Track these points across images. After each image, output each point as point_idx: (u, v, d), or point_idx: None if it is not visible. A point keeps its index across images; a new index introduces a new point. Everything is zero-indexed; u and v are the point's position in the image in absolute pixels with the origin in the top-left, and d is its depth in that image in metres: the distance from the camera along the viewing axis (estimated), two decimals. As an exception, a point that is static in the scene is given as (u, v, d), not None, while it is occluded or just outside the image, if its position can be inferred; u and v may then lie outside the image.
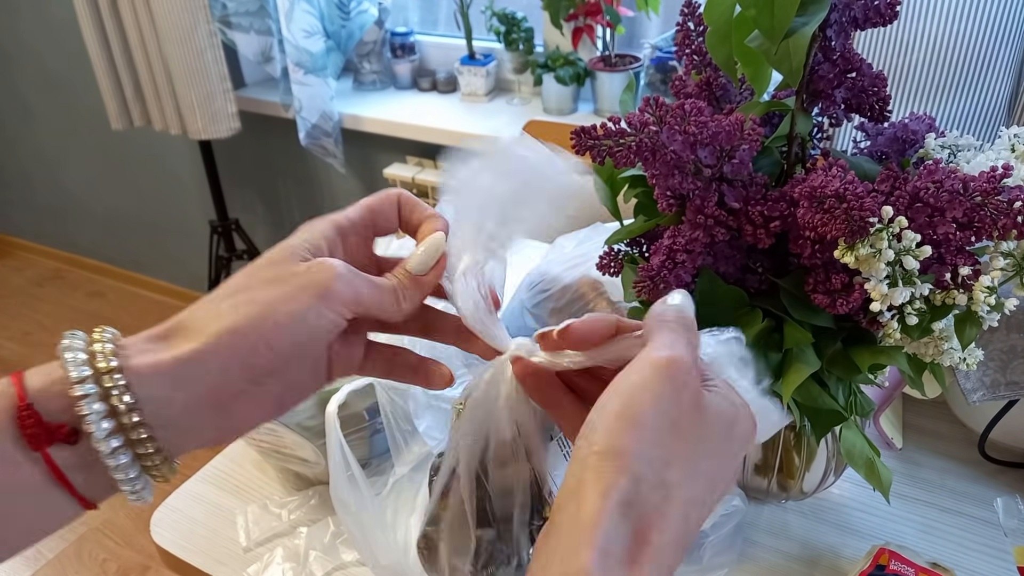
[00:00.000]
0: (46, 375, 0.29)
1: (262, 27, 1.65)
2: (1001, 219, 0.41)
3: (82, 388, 0.29)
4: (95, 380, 0.29)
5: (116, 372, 0.29)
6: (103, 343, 0.30)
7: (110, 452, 0.29)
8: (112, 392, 0.29)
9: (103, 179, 2.43)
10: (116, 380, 0.29)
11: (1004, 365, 0.65)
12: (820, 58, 0.49)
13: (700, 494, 0.29)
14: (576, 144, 0.46)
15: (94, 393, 0.29)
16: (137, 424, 0.29)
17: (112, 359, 0.29)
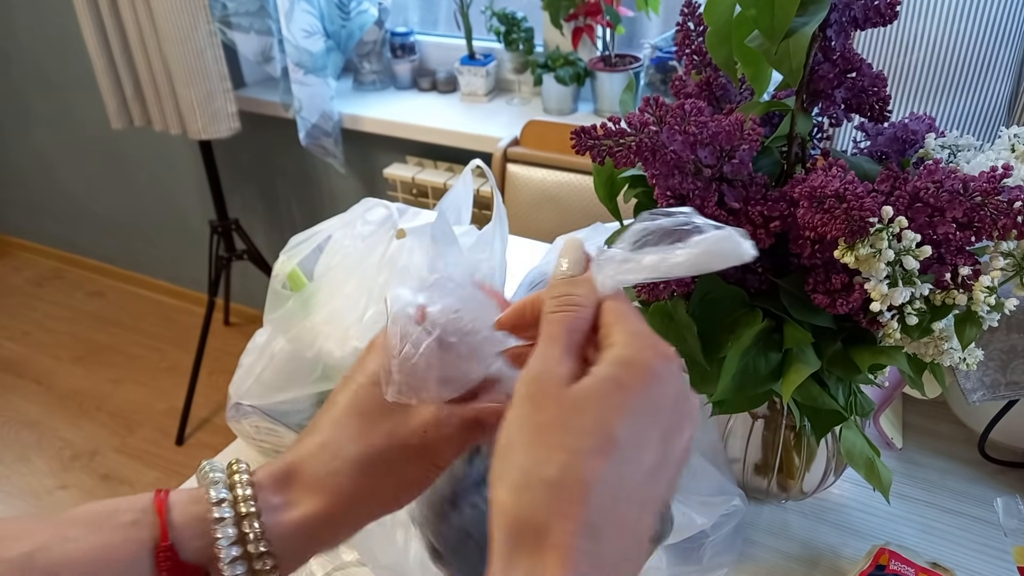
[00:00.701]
0: (187, 508, 0.32)
1: (262, 27, 1.65)
2: (1001, 219, 0.41)
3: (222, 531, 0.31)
4: (235, 524, 0.31)
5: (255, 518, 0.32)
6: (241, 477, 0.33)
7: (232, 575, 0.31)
8: (249, 538, 0.31)
9: (103, 179, 2.43)
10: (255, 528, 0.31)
11: (1004, 365, 0.65)
12: (820, 58, 0.49)
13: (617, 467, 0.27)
14: (576, 144, 0.46)
15: (233, 536, 0.31)
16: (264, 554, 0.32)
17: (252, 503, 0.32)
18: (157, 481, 1.91)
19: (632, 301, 0.55)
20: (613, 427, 0.27)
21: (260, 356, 0.69)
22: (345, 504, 0.33)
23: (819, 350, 0.50)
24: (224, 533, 0.31)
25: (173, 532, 0.31)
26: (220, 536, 0.31)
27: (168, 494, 0.32)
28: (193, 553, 0.31)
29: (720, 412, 0.54)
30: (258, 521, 0.31)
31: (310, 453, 0.34)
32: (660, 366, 0.30)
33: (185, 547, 0.31)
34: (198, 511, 0.32)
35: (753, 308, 0.50)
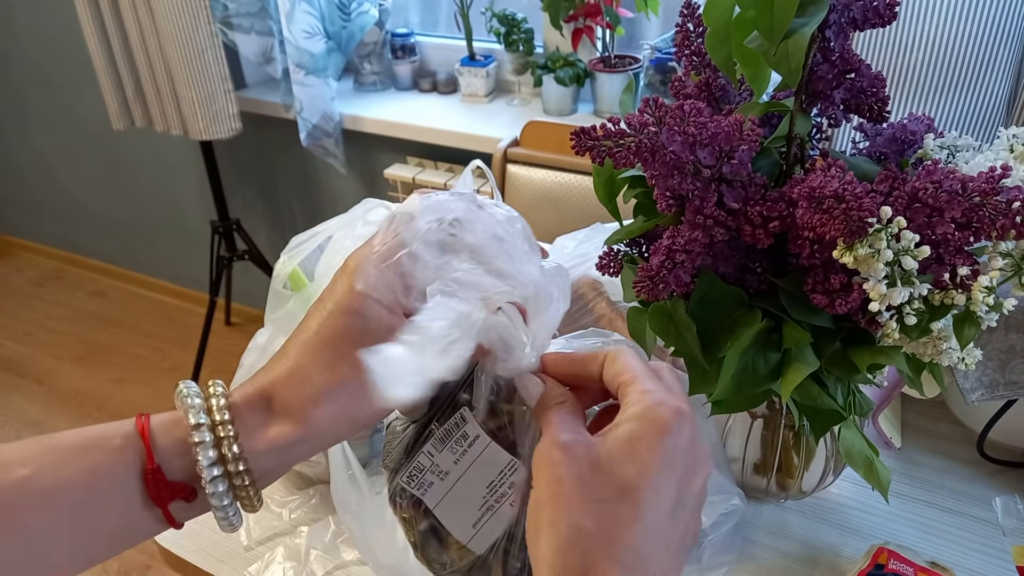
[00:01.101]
0: (169, 431, 0.34)
1: (263, 28, 1.65)
2: (1000, 219, 0.41)
3: (203, 452, 0.33)
4: (215, 446, 0.34)
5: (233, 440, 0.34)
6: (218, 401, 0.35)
7: (216, 500, 0.34)
8: (227, 457, 0.34)
9: (104, 179, 2.43)
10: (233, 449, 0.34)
11: (1003, 365, 0.66)
12: (819, 59, 0.49)
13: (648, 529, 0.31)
14: (576, 145, 0.46)
15: (213, 457, 0.34)
16: (245, 484, 0.34)
17: (230, 427, 0.34)
18: (158, 481, 1.92)
19: (632, 300, 0.55)
20: (633, 479, 0.31)
21: (261, 356, 0.70)
22: (315, 428, 0.35)
23: (818, 350, 0.50)
24: (205, 455, 0.33)
25: (158, 454, 0.33)
26: (201, 458, 0.33)
27: (149, 419, 0.34)
28: (177, 472, 0.34)
29: (719, 412, 0.54)
30: (236, 443, 0.34)
31: (282, 379, 0.36)
32: (672, 420, 0.33)
33: (170, 467, 0.33)
34: (179, 434, 0.34)
35: (752, 308, 0.51)
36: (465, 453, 0.42)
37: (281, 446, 0.35)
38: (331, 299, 0.37)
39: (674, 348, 0.53)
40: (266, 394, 0.36)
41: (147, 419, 0.34)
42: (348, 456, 0.59)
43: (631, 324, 0.57)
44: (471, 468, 0.42)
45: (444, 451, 0.42)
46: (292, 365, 0.36)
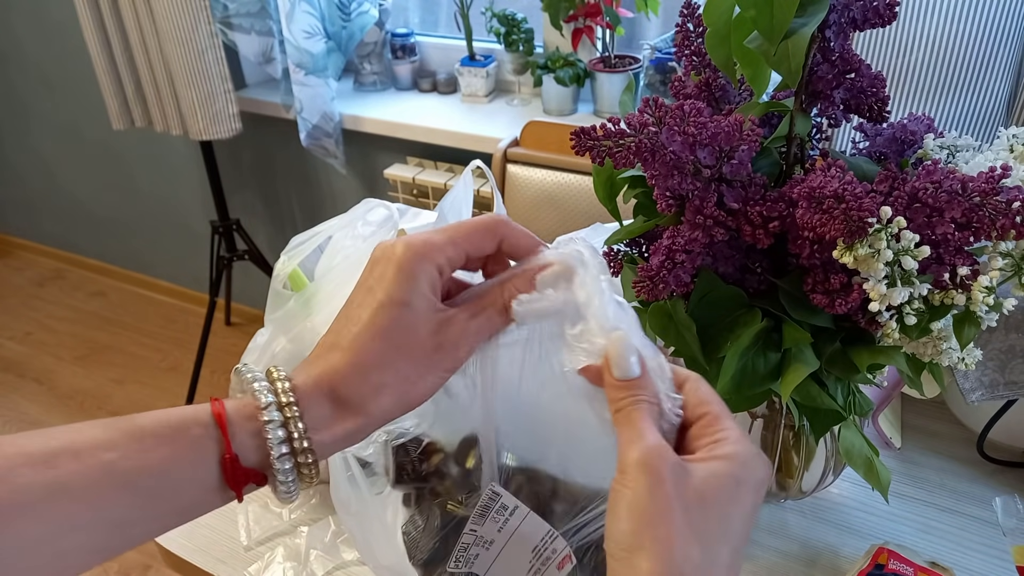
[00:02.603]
0: (242, 418, 0.35)
1: (263, 28, 1.65)
2: (999, 219, 0.41)
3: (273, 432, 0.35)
4: (283, 426, 0.35)
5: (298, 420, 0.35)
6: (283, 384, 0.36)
7: (284, 480, 0.35)
8: (294, 437, 0.35)
9: (104, 179, 2.43)
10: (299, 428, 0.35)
11: (1003, 365, 0.66)
12: (819, 59, 0.49)
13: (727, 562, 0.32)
14: (576, 145, 0.46)
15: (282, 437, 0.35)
16: (309, 462, 0.36)
17: (295, 408, 0.35)
18: (158, 481, 1.92)
19: (632, 300, 0.55)
20: (738, 524, 0.32)
21: (261, 356, 0.70)
22: (375, 418, 0.37)
23: (818, 350, 0.50)
24: (275, 435, 0.35)
25: (234, 441, 0.35)
26: (271, 436, 0.35)
27: (224, 406, 0.36)
28: (250, 457, 0.35)
29: (719, 412, 0.54)
30: (301, 422, 0.35)
31: (342, 373, 0.37)
32: (765, 474, 0.34)
33: (245, 453, 0.35)
34: (251, 421, 0.35)
35: (752, 308, 0.51)
36: (507, 522, 0.44)
37: (344, 436, 0.37)
38: (381, 289, 0.37)
39: (674, 348, 0.53)
40: (327, 385, 0.37)
41: (222, 406, 0.35)
42: (347, 457, 0.58)
43: (631, 324, 0.57)
44: (514, 536, 0.44)
45: (486, 523, 0.44)
46: (352, 359, 0.37)
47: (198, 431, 0.34)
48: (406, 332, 0.37)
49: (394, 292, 0.37)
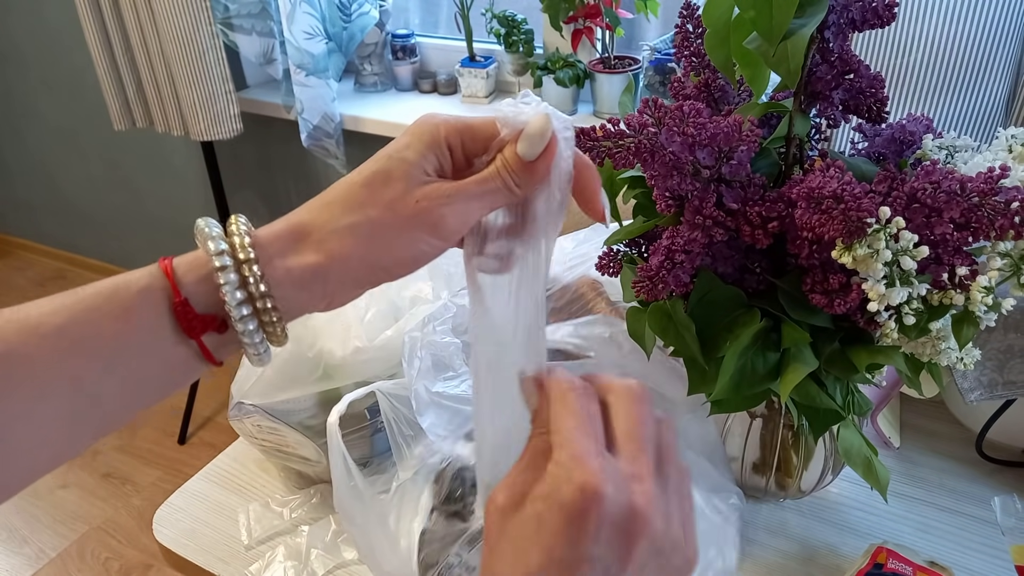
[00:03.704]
0: (192, 267, 0.34)
1: (264, 29, 1.65)
2: (998, 219, 0.42)
3: (224, 276, 0.33)
4: (236, 271, 0.34)
5: (253, 263, 0.34)
6: (241, 237, 0.35)
7: (246, 331, 0.34)
8: (249, 281, 0.34)
9: (105, 180, 2.43)
10: (254, 271, 0.34)
11: (1001, 365, 0.66)
12: (818, 59, 0.49)
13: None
14: (576, 145, 0.46)
15: (235, 282, 0.34)
16: (269, 309, 0.34)
17: (250, 251, 0.34)
18: (159, 480, 1.92)
19: (631, 300, 0.55)
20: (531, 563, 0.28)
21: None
22: (336, 262, 0.35)
23: (817, 350, 0.50)
24: (227, 279, 0.33)
25: (184, 290, 0.34)
26: (224, 282, 0.33)
27: (172, 259, 0.34)
28: (206, 306, 0.34)
29: (718, 411, 0.55)
30: (263, 283, 0.34)
31: (312, 210, 0.36)
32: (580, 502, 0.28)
33: (197, 301, 0.34)
34: (204, 271, 0.34)
35: (751, 308, 0.51)
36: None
37: (300, 276, 0.35)
38: (386, 149, 0.37)
39: (673, 348, 0.53)
40: (295, 228, 0.36)
41: (170, 260, 0.34)
42: (351, 467, 0.59)
43: (631, 324, 0.57)
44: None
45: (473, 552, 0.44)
46: (326, 198, 0.37)
47: (144, 282, 0.34)
48: (389, 182, 0.36)
49: (393, 148, 0.37)
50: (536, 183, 0.36)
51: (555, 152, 0.36)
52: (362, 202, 0.36)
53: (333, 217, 0.36)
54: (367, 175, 0.36)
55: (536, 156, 0.35)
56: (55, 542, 1.76)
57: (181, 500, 0.72)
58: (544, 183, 0.36)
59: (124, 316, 0.33)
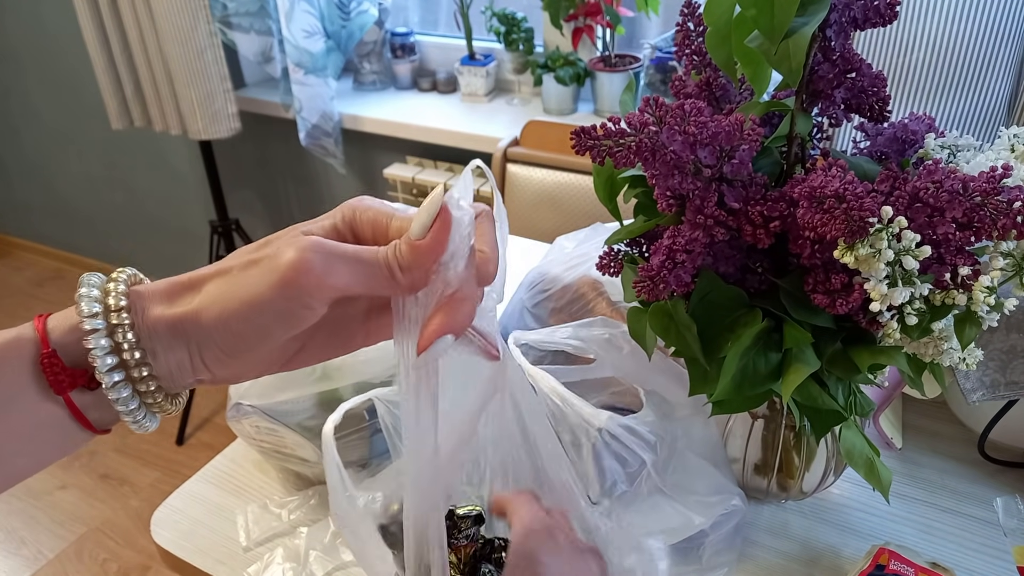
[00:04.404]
0: (66, 319, 0.32)
1: (262, 27, 1.65)
2: (1001, 219, 0.41)
3: (95, 341, 0.31)
4: (108, 334, 0.31)
5: (127, 329, 0.31)
6: (116, 289, 0.32)
7: (119, 398, 0.31)
8: (123, 347, 0.31)
9: (103, 179, 2.43)
10: (127, 337, 0.31)
11: (1004, 365, 0.65)
12: (820, 58, 0.49)
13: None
14: (576, 144, 0.46)
15: (102, 329, 0.31)
16: (145, 377, 0.31)
17: (125, 315, 0.31)
18: (157, 481, 1.92)
19: (632, 300, 0.55)
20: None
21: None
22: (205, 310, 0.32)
23: (819, 350, 0.50)
24: (97, 343, 0.31)
25: (54, 344, 0.31)
26: (93, 346, 0.31)
27: (48, 316, 0.32)
28: (75, 360, 0.31)
29: (720, 412, 0.54)
30: (132, 331, 0.31)
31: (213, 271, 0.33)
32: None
33: (67, 354, 0.31)
34: (75, 323, 0.31)
35: (753, 308, 0.50)
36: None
37: (168, 328, 0.32)
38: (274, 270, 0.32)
39: (675, 348, 0.53)
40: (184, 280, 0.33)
41: (47, 316, 0.32)
42: (344, 479, 0.58)
43: (631, 324, 0.57)
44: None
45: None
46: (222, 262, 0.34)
47: (11, 334, 0.31)
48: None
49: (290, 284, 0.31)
50: (420, 266, 0.32)
51: (447, 229, 0.32)
52: (231, 264, 0.33)
53: (213, 272, 0.33)
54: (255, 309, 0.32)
55: (423, 232, 0.31)
56: (53, 543, 1.76)
57: (179, 501, 0.72)
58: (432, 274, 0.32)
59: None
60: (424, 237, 0.32)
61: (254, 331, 0.32)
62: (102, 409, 0.32)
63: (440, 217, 0.32)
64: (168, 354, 0.32)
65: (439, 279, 0.33)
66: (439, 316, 0.33)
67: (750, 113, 0.46)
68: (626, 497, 0.61)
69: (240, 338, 0.32)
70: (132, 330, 0.31)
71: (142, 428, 0.33)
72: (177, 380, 0.33)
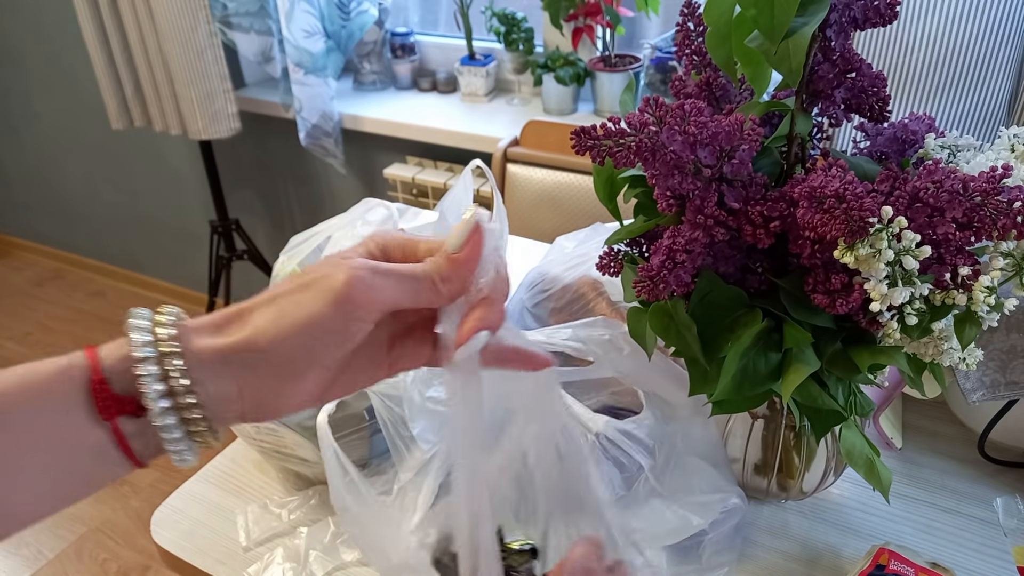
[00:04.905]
0: (116, 352, 0.33)
1: (262, 27, 1.65)
2: (1001, 219, 0.41)
3: (145, 368, 0.32)
4: (157, 363, 0.32)
5: (176, 357, 0.32)
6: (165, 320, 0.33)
7: (165, 426, 0.32)
8: (171, 374, 0.32)
9: (103, 179, 2.43)
10: (176, 364, 0.32)
11: (1004, 365, 0.65)
12: (820, 58, 0.49)
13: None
14: (576, 144, 0.46)
15: (152, 357, 0.32)
16: (191, 405, 0.32)
17: (175, 344, 0.32)
18: (158, 481, 1.92)
19: (632, 300, 0.55)
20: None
21: (260, 356, 0.69)
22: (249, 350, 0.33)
23: (819, 350, 0.50)
24: (147, 370, 0.32)
25: (104, 372, 0.32)
26: (143, 372, 0.32)
27: (97, 347, 0.33)
28: (124, 388, 0.32)
29: (720, 412, 0.54)
30: (181, 359, 0.32)
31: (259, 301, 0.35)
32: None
33: (115, 383, 0.32)
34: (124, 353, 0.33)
35: (753, 308, 0.50)
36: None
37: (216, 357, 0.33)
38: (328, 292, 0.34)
39: (674, 348, 0.53)
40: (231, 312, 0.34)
41: (96, 347, 0.33)
42: (343, 462, 0.58)
43: (631, 324, 0.57)
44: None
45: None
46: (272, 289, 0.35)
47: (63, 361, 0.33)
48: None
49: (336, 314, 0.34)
50: (459, 277, 0.36)
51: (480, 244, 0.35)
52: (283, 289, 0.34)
53: (264, 300, 0.34)
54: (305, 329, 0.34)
55: (458, 247, 0.35)
56: (53, 543, 1.76)
57: (179, 501, 0.72)
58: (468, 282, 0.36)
59: (37, 392, 0.32)
60: (460, 252, 0.35)
61: (307, 353, 0.34)
62: (145, 438, 0.33)
63: (473, 232, 0.35)
64: (216, 383, 0.33)
65: (473, 287, 0.36)
66: (475, 313, 0.36)
67: (750, 113, 0.46)
68: (623, 501, 0.61)
69: (292, 362, 0.34)
70: (181, 358, 0.32)
71: (182, 460, 0.34)
72: (221, 411, 0.34)
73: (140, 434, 0.33)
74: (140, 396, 0.32)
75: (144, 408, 0.32)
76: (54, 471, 0.32)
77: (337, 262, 0.34)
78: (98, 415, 0.32)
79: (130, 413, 0.32)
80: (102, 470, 0.33)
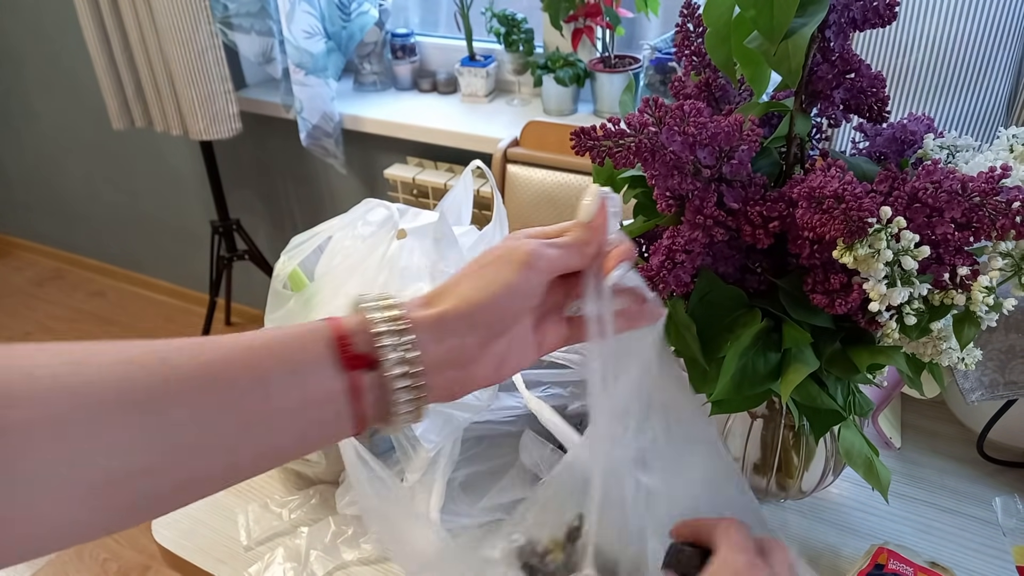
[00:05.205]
0: (350, 320, 0.38)
1: (263, 28, 1.65)
2: (999, 219, 0.41)
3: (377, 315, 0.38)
4: (384, 310, 0.38)
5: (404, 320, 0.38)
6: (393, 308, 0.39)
7: (397, 376, 0.37)
8: (404, 336, 0.38)
9: (104, 179, 2.43)
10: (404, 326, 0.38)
11: (1002, 365, 0.66)
12: (819, 59, 0.49)
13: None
14: (576, 145, 0.46)
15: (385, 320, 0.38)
16: (416, 359, 0.38)
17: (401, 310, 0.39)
18: (158, 481, 1.92)
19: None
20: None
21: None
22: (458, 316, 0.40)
23: (818, 350, 0.50)
24: (383, 328, 0.38)
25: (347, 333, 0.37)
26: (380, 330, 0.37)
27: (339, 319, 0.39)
28: (362, 349, 0.37)
29: (719, 412, 0.54)
30: (406, 324, 0.38)
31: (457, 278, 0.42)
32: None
33: (356, 344, 0.37)
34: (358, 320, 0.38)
35: (752, 308, 0.51)
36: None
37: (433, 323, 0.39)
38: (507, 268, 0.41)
39: (674, 348, 0.53)
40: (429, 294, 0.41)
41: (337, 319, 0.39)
42: (363, 454, 0.58)
43: (631, 324, 0.57)
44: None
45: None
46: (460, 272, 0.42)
47: (311, 324, 0.38)
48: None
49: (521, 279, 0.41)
50: (595, 240, 0.43)
51: (607, 211, 0.44)
52: (475, 267, 0.42)
53: (457, 279, 0.42)
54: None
55: (591, 217, 0.44)
56: (54, 542, 1.76)
57: (180, 501, 0.72)
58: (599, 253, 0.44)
59: (291, 352, 0.36)
60: (594, 220, 0.44)
61: (508, 310, 0.41)
62: (376, 394, 0.38)
63: (600, 204, 0.44)
64: (437, 345, 0.39)
65: (607, 245, 0.44)
66: (614, 252, 0.43)
67: (749, 114, 0.47)
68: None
69: (500, 320, 0.41)
70: (409, 322, 0.38)
71: (406, 415, 0.39)
72: (434, 378, 0.39)
73: (373, 388, 0.37)
74: (376, 352, 0.37)
75: (378, 364, 0.37)
76: (291, 431, 0.36)
77: (515, 242, 0.42)
78: (341, 367, 0.36)
79: (369, 366, 0.37)
80: (329, 429, 0.38)
